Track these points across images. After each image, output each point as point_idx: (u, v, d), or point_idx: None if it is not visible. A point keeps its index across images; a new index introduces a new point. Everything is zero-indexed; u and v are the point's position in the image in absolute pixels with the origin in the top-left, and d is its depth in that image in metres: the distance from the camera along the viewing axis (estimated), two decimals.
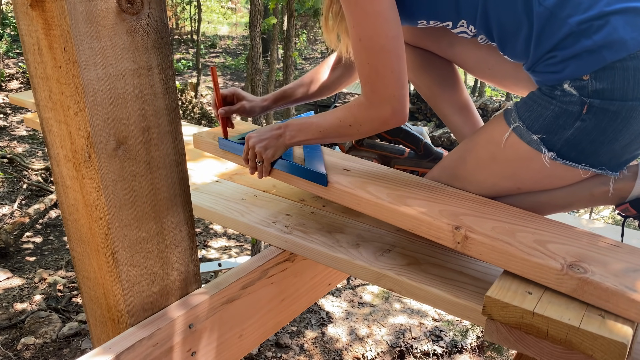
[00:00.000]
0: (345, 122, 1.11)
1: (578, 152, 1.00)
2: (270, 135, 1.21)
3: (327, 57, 1.48)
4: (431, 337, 4.56)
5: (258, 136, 1.22)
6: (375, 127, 1.09)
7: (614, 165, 1.02)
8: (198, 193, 1.46)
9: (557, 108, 0.98)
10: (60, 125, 0.93)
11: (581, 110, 0.96)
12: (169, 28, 0.99)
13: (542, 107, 1.01)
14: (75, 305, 4.57)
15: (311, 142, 1.19)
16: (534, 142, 1.02)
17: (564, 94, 0.97)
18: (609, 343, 0.77)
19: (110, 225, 0.95)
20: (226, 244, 5.89)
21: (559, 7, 0.95)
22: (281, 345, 4.37)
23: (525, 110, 1.03)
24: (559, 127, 0.99)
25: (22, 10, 0.87)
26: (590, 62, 0.93)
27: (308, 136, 1.17)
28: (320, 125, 1.16)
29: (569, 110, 0.97)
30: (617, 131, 0.96)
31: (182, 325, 1.06)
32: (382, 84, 1.02)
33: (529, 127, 1.02)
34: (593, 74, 0.94)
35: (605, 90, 0.93)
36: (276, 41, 5.94)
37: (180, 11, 16.72)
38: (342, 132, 1.13)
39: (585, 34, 0.93)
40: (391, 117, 1.05)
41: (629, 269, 0.87)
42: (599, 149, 0.99)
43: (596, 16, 0.92)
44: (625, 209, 1.07)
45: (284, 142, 1.20)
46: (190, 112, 9.51)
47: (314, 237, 1.22)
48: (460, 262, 1.12)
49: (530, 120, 1.02)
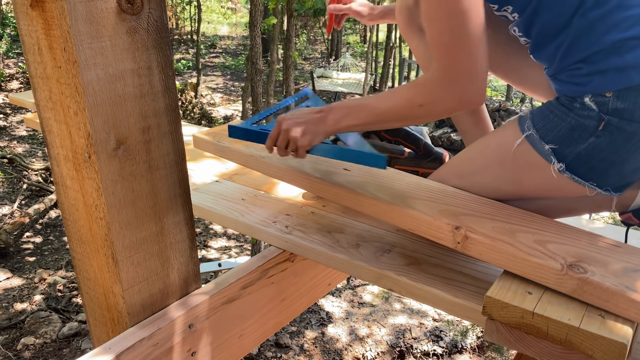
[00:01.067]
0: (414, 101, 0.99)
1: (587, 169, 0.99)
2: (309, 119, 1.06)
3: None
4: (431, 337, 4.56)
5: (294, 119, 1.07)
6: (451, 107, 0.97)
7: (619, 187, 1.01)
8: (198, 193, 1.46)
9: (573, 121, 0.97)
10: (60, 125, 0.93)
11: (598, 126, 0.94)
12: (169, 28, 0.99)
13: (558, 117, 0.99)
14: (75, 305, 4.57)
15: (359, 127, 1.05)
16: (545, 151, 1.00)
17: (583, 108, 0.95)
18: (609, 343, 0.77)
19: (110, 226, 0.95)
20: (226, 244, 5.89)
21: (600, 21, 0.92)
22: (281, 345, 4.37)
23: (541, 119, 1.02)
24: (573, 140, 0.97)
25: (22, 10, 0.87)
26: (616, 80, 0.92)
27: (358, 120, 1.03)
28: (378, 107, 1.02)
29: (585, 125, 0.96)
30: (630, 153, 0.95)
31: (182, 325, 1.06)
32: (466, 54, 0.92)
33: (542, 136, 1.00)
34: (616, 92, 0.92)
35: (626, 110, 0.92)
36: (276, 41, 5.94)
37: (180, 11, 16.72)
38: (407, 115, 1.01)
39: (616, 52, 0.91)
40: (473, 95, 0.94)
41: (629, 269, 0.87)
42: (608, 169, 0.98)
43: (633, 36, 0.91)
44: (628, 218, 1.06)
45: (324, 129, 1.05)
46: (190, 112, 9.51)
47: (314, 237, 1.22)
48: (460, 262, 1.12)
49: (544, 129, 1.00)
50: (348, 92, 10.88)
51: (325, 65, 14.53)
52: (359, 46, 17.64)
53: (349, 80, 11.57)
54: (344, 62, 13.20)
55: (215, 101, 11.12)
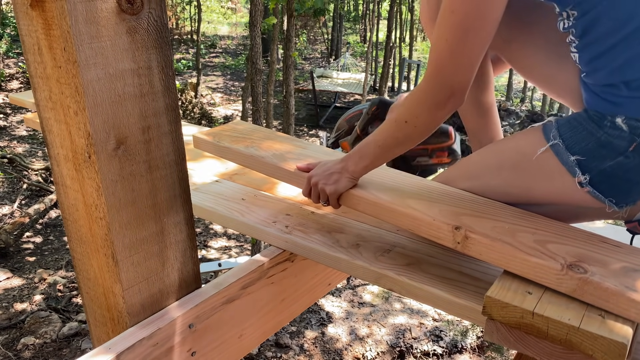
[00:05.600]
0: (400, 120, 1.03)
1: (609, 185, 0.98)
2: (333, 171, 1.14)
3: None
4: (431, 337, 4.56)
5: (321, 173, 1.15)
6: (432, 114, 1.00)
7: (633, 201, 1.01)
8: (198, 193, 1.46)
9: (603, 137, 0.95)
10: (60, 125, 0.93)
11: (628, 147, 0.93)
12: (169, 28, 0.99)
13: (587, 132, 0.97)
14: (75, 305, 4.57)
15: (374, 164, 1.11)
16: (570, 162, 0.99)
17: (614, 127, 0.94)
18: (609, 343, 0.77)
19: (110, 225, 0.95)
20: (226, 244, 5.89)
21: None
22: (281, 345, 4.37)
23: (568, 130, 1.00)
24: (600, 156, 0.96)
25: (22, 10, 0.87)
26: None
27: (370, 158, 1.09)
28: (377, 138, 1.07)
29: (614, 144, 0.94)
30: None
31: (182, 325, 1.06)
32: (452, 67, 0.94)
33: (568, 147, 0.99)
34: None
35: None
36: (276, 41, 5.94)
37: (180, 11, 16.73)
38: (400, 136, 1.05)
39: None
40: (447, 99, 0.97)
41: (629, 269, 0.87)
42: (631, 188, 0.97)
43: None
44: (634, 227, 1.06)
45: (347, 176, 1.12)
46: (190, 112, 9.51)
47: (314, 237, 1.22)
48: (460, 262, 1.12)
49: (571, 141, 0.99)
50: (348, 92, 10.88)
51: (325, 65, 14.54)
52: (359, 46, 17.64)
53: (349, 80, 11.57)
54: (344, 62, 13.20)
55: (215, 101, 11.12)
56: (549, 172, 1.02)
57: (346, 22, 21.26)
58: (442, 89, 0.97)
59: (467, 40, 0.92)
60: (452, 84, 0.96)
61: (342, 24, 16.61)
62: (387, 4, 12.09)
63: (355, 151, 1.12)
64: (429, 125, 1.03)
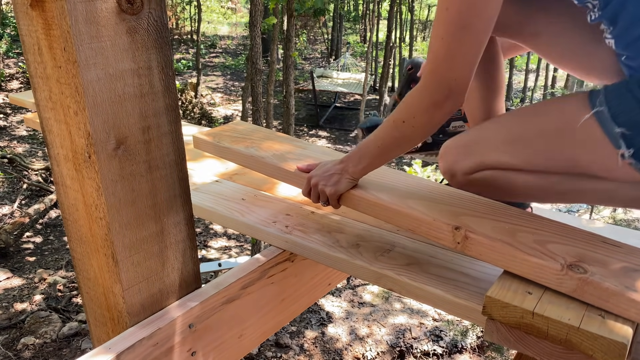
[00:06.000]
0: (398, 120, 1.01)
1: None
2: (333, 172, 1.13)
3: None
4: (431, 337, 4.56)
5: (321, 174, 1.15)
6: (430, 114, 0.98)
7: None
8: (198, 193, 1.46)
9: None
10: (60, 125, 0.93)
11: None
12: (169, 28, 0.99)
13: (636, 100, 0.91)
14: (75, 305, 4.57)
15: (374, 165, 1.10)
16: (614, 134, 0.93)
17: None
18: (609, 343, 0.77)
19: (110, 225, 0.95)
20: (226, 244, 5.89)
21: None
22: (281, 345, 4.37)
23: (616, 97, 0.94)
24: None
25: (22, 10, 0.87)
26: None
27: (370, 158, 1.08)
28: (377, 138, 1.06)
29: None
30: None
31: (182, 325, 1.06)
32: (448, 65, 0.93)
33: (613, 116, 0.93)
34: None
35: None
36: (276, 41, 5.93)
37: (180, 11, 16.72)
38: (399, 137, 1.04)
39: None
40: (445, 99, 0.95)
41: (629, 269, 0.87)
42: None
43: None
44: None
45: (347, 177, 1.12)
46: (190, 112, 9.51)
47: (314, 237, 1.22)
48: (460, 262, 1.12)
49: (618, 109, 0.93)
50: (348, 92, 10.87)
51: (325, 65, 14.54)
52: (359, 46, 17.64)
53: (348, 80, 11.56)
54: (344, 61, 13.19)
55: (215, 101, 11.12)
56: (594, 141, 0.96)
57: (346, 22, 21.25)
58: (439, 88, 0.95)
59: (463, 38, 0.91)
60: (449, 82, 0.94)
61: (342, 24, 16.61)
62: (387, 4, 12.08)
63: (355, 152, 1.12)
64: (426, 126, 1.02)
